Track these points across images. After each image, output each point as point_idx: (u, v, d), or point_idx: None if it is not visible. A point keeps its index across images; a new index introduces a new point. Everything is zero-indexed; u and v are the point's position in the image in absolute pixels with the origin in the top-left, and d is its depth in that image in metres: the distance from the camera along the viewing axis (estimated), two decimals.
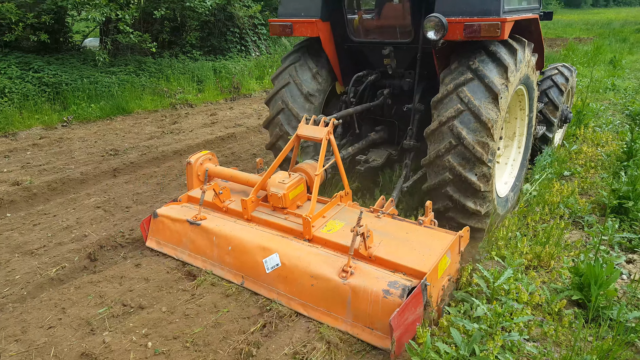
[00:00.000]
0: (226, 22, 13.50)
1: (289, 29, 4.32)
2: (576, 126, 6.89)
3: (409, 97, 4.42)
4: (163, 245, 3.87)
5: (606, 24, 27.91)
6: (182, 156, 6.45)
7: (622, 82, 10.63)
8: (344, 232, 3.28)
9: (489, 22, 3.37)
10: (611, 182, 4.75)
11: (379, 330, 2.76)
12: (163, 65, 11.14)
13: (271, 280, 3.21)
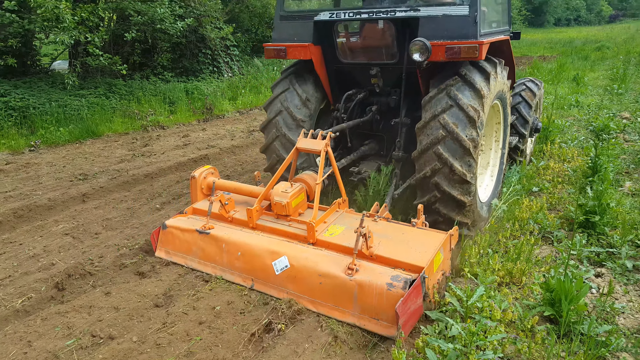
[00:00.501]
0: (198, 43, 13.51)
1: (283, 52, 4.61)
2: (543, 142, 7.09)
3: (395, 112, 4.78)
4: (172, 255, 4.06)
5: (568, 42, 29.03)
6: (154, 179, 6.35)
7: (585, 99, 11.02)
8: (345, 235, 3.60)
9: (468, 44, 3.77)
10: (578, 197, 4.89)
11: (384, 320, 3.05)
12: (134, 87, 11.03)
13: (281, 281, 3.47)
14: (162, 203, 5.51)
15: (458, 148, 3.80)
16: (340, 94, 4.92)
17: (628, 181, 5.75)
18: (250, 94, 12.99)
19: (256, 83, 13.92)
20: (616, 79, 13.50)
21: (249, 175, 6.47)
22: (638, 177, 5.90)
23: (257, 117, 10.93)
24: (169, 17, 10.18)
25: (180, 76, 13.18)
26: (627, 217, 4.60)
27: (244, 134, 9.09)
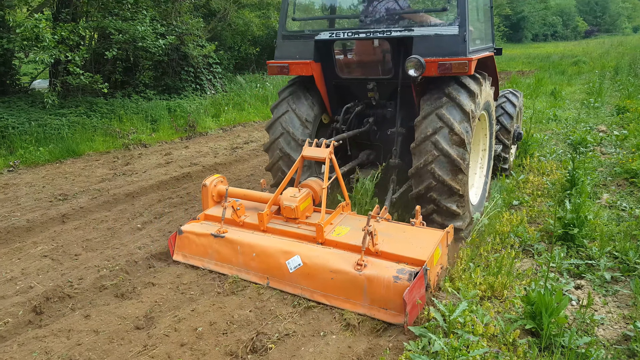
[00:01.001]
0: (180, 61, 13.53)
1: (285, 69, 4.91)
2: (522, 156, 7.21)
3: (390, 123, 5.17)
4: (189, 258, 4.32)
5: (546, 57, 29.74)
6: (135, 198, 6.29)
7: (563, 113, 11.26)
8: (351, 235, 3.91)
9: (458, 61, 4.10)
10: (556, 210, 4.97)
11: (392, 309, 3.37)
12: (115, 105, 10.97)
13: (295, 279, 3.74)
14: (143, 222, 5.45)
15: (450, 166, 4.14)
16: (338, 107, 5.26)
17: (605, 193, 5.86)
18: (233, 110, 13.00)
19: (239, 100, 13.95)
20: (592, 92, 13.83)
21: None
22: (615, 189, 6.02)
23: (241, 134, 10.93)
24: (150, 35, 10.18)
25: (162, 94, 13.15)
26: (605, 229, 4.69)
27: (227, 151, 9.07)
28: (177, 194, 6.45)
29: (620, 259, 4.15)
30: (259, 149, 9.18)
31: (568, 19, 79.52)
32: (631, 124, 9.10)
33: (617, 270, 4.02)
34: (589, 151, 7.69)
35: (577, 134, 8.37)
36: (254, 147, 9.36)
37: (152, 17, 11.21)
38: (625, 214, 5.15)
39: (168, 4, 12.73)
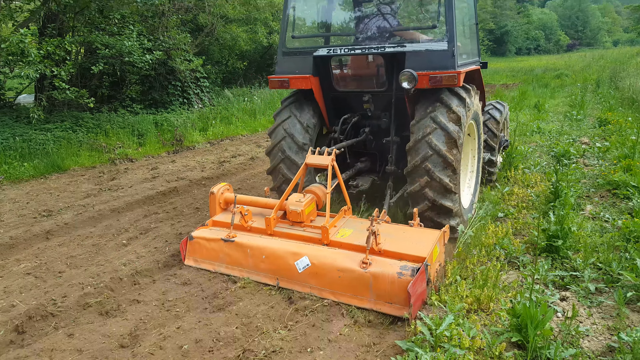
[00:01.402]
0: (167, 75, 13.54)
1: (286, 83, 5.20)
2: (507, 169, 7.30)
3: (385, 132, 5.44)
4: (200, 262, 4.51)
5: (529, 70, 30.28)
6: (120, 214, 6.23)
7: (546, 125, 11.45)
8: (354, 236, 4.13)
9: (448, 74, 4.46)
10: (541, 222, 5.02)
11: (396, 303, 3.59)
12: (102, 120, 10.92)
13: (304, 278, 3.95)
14: (129, 238, 5.40)
15: (443, 164, 4.46)
16: (336, 118, 5.57)
17: (589, 204, 5.95)
18: (221, 124, 13.01)
19: (227, 114, 13.97)
20: (575, 105, 14.09)
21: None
22: (598, 200, 6.11)
23: (228, 148, 10.92)
24: (137, 50, 10.18)
25: (149, 108, 13.13)
26: (589, 240, 4.74)
27: (215, 165, 9.05)
28: (164, 209, 6.40)
29: (604, 270, 4.20)
30: (246, 163, 9.18)
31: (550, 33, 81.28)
32: (612, 136, 9.28)
33: (601, 282, 4.07)
34: (572, 163, 7.81)
35: (561, 146, 8.50)
36: (241, 161, 9.35)
37: (139, 32, 11.22)
38: (608, 225, 5.23)
39: (155, 19, 12.77)
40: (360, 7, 6.03)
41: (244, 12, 16.14)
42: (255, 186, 7.52)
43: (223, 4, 15.09)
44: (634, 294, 3.76)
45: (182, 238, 5.31)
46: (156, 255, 4.87)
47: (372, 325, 3.53)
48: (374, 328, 3.50)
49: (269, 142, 5.49)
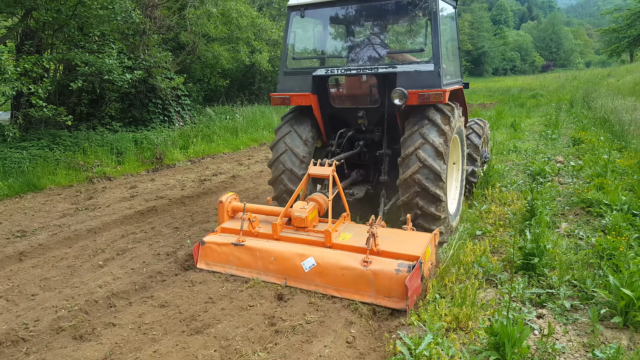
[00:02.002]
0: (148, 93, 13.48)
1: (287, 100, 5.68)
2: (484, 187, 7.42)
3: (378, 145, 5.92)
4: (212, 265, 4.86)
5: (506, 90, 31.00)
6: (97, 234, 6.12)
7: (522, 144, 11.70)
8: (354, 239, 4.55)
9: (435, 92, 4.96)
10: (517, 240, 5.10)
11: (395, 297, 4.00)
12: (80, 138, 10.78)
13: (310, 277, 4.34)
14: (105, 259, 5.30)
15: (431, 175, 4.89)
16: (332, 132, 6.04)
17: (564, 222, 6.07)
18: (202, 142, 12.96)
19: (208, 132, 13.94)
20: (550, 124, 14.45)
21: (199, 227, 6.37)
22: (573, 218, 6.24)
23: (209, 166, 10.87)
24: (117, 68, 10.13)
25: (129, 126, 13.02)
26: (564, 258, 4.83)
27: (195, 184, 8.98)
28: (142, 229, 6.31)
29: (579, 287, 4.28)
30: (227, 181, 9.13)
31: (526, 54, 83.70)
32: (586, 154, 9.52)
33: (576, 299, 4.14)
34: (548, 181, 7.98)
35: (536, 164, 8.69)
36: (222, 179, 9.30)
37: (119, 50, 11.19)
38: (582, 243, 5.33)
39: (136, 37, 12.75)
40: (353, 32, 6.50)
41: (225, 31, 16.23)
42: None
43: (205, 23, 15.17)
44: (608, 310, 3.83)
45: (160, 259, 5.25)
46: (133, 276, 4.78)
47: (353, 346, 3.52)
48: (355, 349, 3.49)
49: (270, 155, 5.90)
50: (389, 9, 5.78)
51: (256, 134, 15.03)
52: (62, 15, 9.60)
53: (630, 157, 8.54)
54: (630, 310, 3.67)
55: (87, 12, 9.86)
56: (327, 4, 5.71)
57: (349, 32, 6.51)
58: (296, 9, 5.79)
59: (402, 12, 5.75)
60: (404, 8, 5.48)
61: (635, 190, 6.56)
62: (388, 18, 6.26)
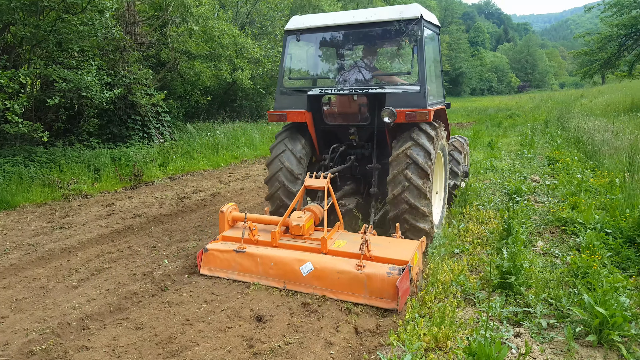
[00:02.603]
0: (127, 109, 13.36)
1: (284, 117, 6.08)
2: (462, 205, 7.52)
3: (368, 160, 6.33)
4: (214, 271, 5.17)
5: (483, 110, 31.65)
6: (72, 254, 5.98)
7: (499, 163, 11.92)
8: (348, 246, 4.91)
9: (421, 111, 5.41)
10: (494, 258, 5.17)
11: (386, 298, 4.35)
12: (56, 154, 10.59)
13: (308, 281, 4.67)
14: (79, 280, 5.17)
15: (418, 193, 5.33)
16: (325, 147, 6.47)
17: (540, 241, 6.17)
18: (182, 159, 12.86)
19: (189, 148, 13.84)
20: (525, 144, 14.77)
21: (177, 246, 6.28)
22: (548, 236, 6.36)
23: (189, 183, 10.77)
24: (95, 85, 10.04)
25: (107, 142, 12.86)
26: (540, 276, 4.90)
27: (174, 202, 8.88)
28: (118, 248, 6.20)
29: (555, 306, 4.34)
30: (207, 199, 9.05)
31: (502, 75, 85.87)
32: (561, 174, 9.74)
33: (553, 317, 4.19)
34: (524, 200, 8.12)
35: (513, 183, 8.85)
36: (202, 197, 9.22)
37: (98, 67, 11.11)
38: (558, 261, 5.43)
39: (116, 54, 12.68)
40: (344, 55, 7.05)
41: (207, 49, 16.27)
42: (216, 223, 7.41)
43: (186, 40, 15.19)
44: (583, 328, 3.89)
45: (136, 279, 5.16)
46: (108, 297, 4.68)
47: None
48: None
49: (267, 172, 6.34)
50: (378, 34, 6.15)
51: (237, 151, 14.99)
52: (41, 30, 9.51)
53: (602, 176, 8.77)
54: (604, 328, 3.73)
55: (66, 27, 9.79)
56: (321, 29, 6.18)
57: (341, 54, 7.01)
58: (293, 33, 6.25)
59: (391, 37, 6.14)
60: (392, 34, 5.90)
61: (608, 209, 6.72)
62: (377, 42, 6.68)
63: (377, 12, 5.93)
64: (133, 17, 13.47)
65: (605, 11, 23.14)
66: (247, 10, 22.57)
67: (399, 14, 5.70)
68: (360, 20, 5.93)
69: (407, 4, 5.91)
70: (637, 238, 5.58)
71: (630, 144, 10.19)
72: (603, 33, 23.93)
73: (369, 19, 5.89)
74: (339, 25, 6.09)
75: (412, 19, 5.62)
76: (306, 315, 4.27)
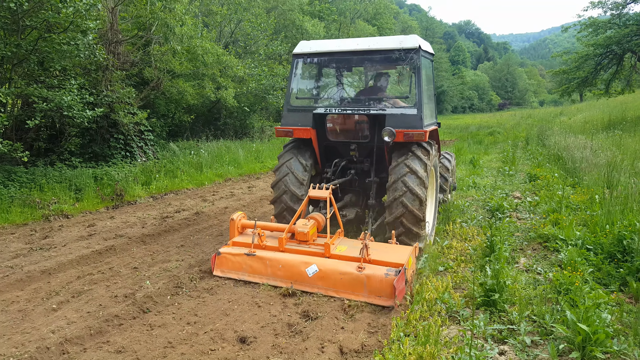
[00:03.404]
0: (110, 128, 13.25)
1: (290, 133, 6.58)
2: (445, 222, 7.58)
3: (367, 174, 6.90)
4: (227, 272, 5.70)
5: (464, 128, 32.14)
6: (52, 275, 5.85)
7: (481, 180, 12.07)
8: (349, 251, 5.43)
9: (418, 132, 5.94)
10: (477, 276, 5.20)
11: (384, 296, 4.88)
12: (37, 174, 10.42)
13: (313, 281, 5.20)
14: (59, 302, 5.06)
15: (415, 198, 5.84)
16: (327, 161, 7.00)
17: (523, 257, 6.24)
18: (165, 178, 12.74)
19: (172, 167, 13.73)
20: (507, 161, 15.01)
21: (159, 267, 6.20)
22: (531, 253, 6.43)
23: (172, 203, 10.67)
24: (77, 104, 9.95)
25: (89, 162, 12.70)
26: (523, 293, 4.95)
27: (157, 221, 8.77)
28: (99, 270, 6.09)
29: (539, 323, 4.37)
30: (190, 218, 8.97)
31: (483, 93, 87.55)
32: (542, 190, 9.90)
33: (536, 334, 4.22)
34: (506, 217, 8.22)
35: (495, 200, 8.96)
36: (185, 216, 9.13)
37: (80, 86, 11.04)
38: (540, 278, 5.49)
39: (98, 73, 12.63)
40: (348, 77, 7.77)
41: (191, 68, 16.29)
42: (199, 243, 7.34)
43: (169, 59, 15.19)
44: (566, 345, 3.92)
45: (117, 301, 5.07)
46: (89, 320, 4.58)
47: None
48: None
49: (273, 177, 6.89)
50: (379, 60, 6.65)
51: (221, 169, 14.93)
52: (22, 49, 9.43)
53: (582, 193, 8.94)
54: (587, 344, 3.76)
55: (48, 46, 9.73)
56: (326, 54, 6.73)
57: (344, 77, 7.61)
58: (300, 57, 6.84)
59: (391, 64, 6.78)
60: (393, 61, 6.49)
61: (589, 225, 6.84)
62: (379, 67, 7.27)
63: (379, 41, 6.45)
64: (116, 37, 13.45)
65: (582, 31, 23.85)
66: (230, 30, 22.72)
67: (399, 43, 6.23)
68: (363, 47, 6.43)
69: (406, 35, 6.50)
70: (617, 254, 5.68)
71: (608, 160, 10.42)
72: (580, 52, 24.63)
73: (372, 47, 6.39)
74: (343, 51, 6.58)
75: (411, 48, 6.16)
76: (291, 336, 4.24)
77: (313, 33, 31.82)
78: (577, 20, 24.36)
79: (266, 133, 23.95)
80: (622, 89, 25.34)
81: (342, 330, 4.34)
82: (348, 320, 4.59)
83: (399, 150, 6.19)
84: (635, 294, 4.80)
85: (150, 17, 13.71)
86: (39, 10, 9.24)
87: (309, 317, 4.59)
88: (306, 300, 5.04)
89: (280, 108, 25.41)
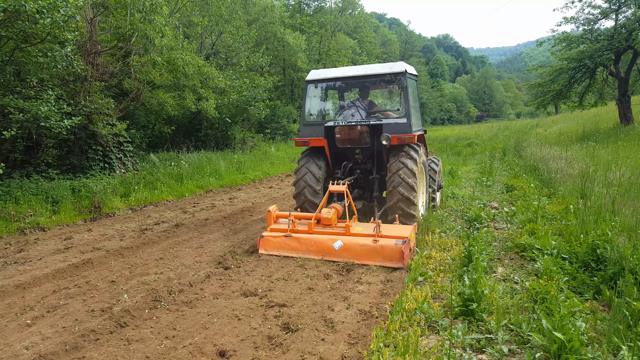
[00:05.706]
0: (88, 139, 13.07)
1: (307, 142, 8.32)
2: (425, 233, 7.66)
3: (370, 172, 8.62)
4: (270, 250, 7.21)
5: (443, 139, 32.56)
6: (26, 290, 5.73)
7: (459, 191, 12.24)
8: (364, 230, 6.96)
9: (408, 136, 7.69)
10: (456, 285, 5.26)
11: (395, 260, 6.42)
12: (12, 186, 10.21)
13: (339, 253, 6.76)
14: (34, 317, 4.94)
15: (409, 187, 7.50)
16: (336, 164, 8.69)
17: (500, 267, 6.33)
18: (144, 190, 12.61)
19: (152, 179, 13.59)
20: (484, 172, 15.25)
21: (137, 280, 6.11)
22: (508, 262, 6.53)
23: (151, 214, 10.54)
24: (54, 115, 9.81)
25: (66, 173, 12.49)
26: (501, 302, 5.01)
27: (135, 234, 8.66)
28: (75, 283, 5.97)
29: (516, 332, 4.44)
30: (170, 230, 8.87)
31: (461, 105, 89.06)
32: (518, 201, 10.08)
33: (514, 343, 4.28)
34: (484, 227, 8.34)
35: (473, 210, 9.09)
36: (165, 228, 9.03)
37: (58, 96, 10.89)
38: (517, 287, 5.57)
39: (77, 84, 12.48)
40: (351, 97, 9.71)
41: (171, 79, 16.21)
42: (179, 255, 7.27)
43: (149, 70, 15.10)
44: (543, 354, 3.99)
45: (94, 315, 4.98)
46: (64, 335, 4.49)
47: None
48: None
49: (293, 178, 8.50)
50: (376, 83, 8.69)
51: (202, 180, 14.83)
52: None
53: (558, 203, 9.13)
54: (562, 353, 3.84)
55: (25, 57, 9.60)
56: (333, 79, 8.64)
57: (348, 97, 9.64)
58: (312, 82, 8.71)
59: (384, 84, 8.94)
60: (385, 82, 8.53)
61: (564, 235, 6.98)
62: (375, 88, 9.53)
63: (374, 68, 8.30)
64: (95, 47, 13.33)
65: (556, 45, 24.49)
66: (212, 42, 22.72)
67: (390, 68, 8.10)
68: (361, 73, 8.33)
69: (395, 62, 8.59)
70: (591, 263, 5.81)
71: (581, 171, 10.67)
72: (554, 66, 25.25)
73: (368, 72, 8.28)
74: (346, 77, 8.49)
75: (399, 72, 8.03)
76: (271, 349, 4.22)
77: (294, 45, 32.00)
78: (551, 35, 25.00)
79: (248, 144, 23.89)
80: (595, 101, 26.06)
81: (323, 342, 4.34)
82: (329, 331, 4.59)
83: (394, 152, 7.88)
84: (608, 302, 4.91)
85: (130, 28, 13.64)
86: (15, 21, 9.13)
87: (289, 329, 4.58)
88: (287, 312, 5.02)
89: (262, 119, 25.42)
